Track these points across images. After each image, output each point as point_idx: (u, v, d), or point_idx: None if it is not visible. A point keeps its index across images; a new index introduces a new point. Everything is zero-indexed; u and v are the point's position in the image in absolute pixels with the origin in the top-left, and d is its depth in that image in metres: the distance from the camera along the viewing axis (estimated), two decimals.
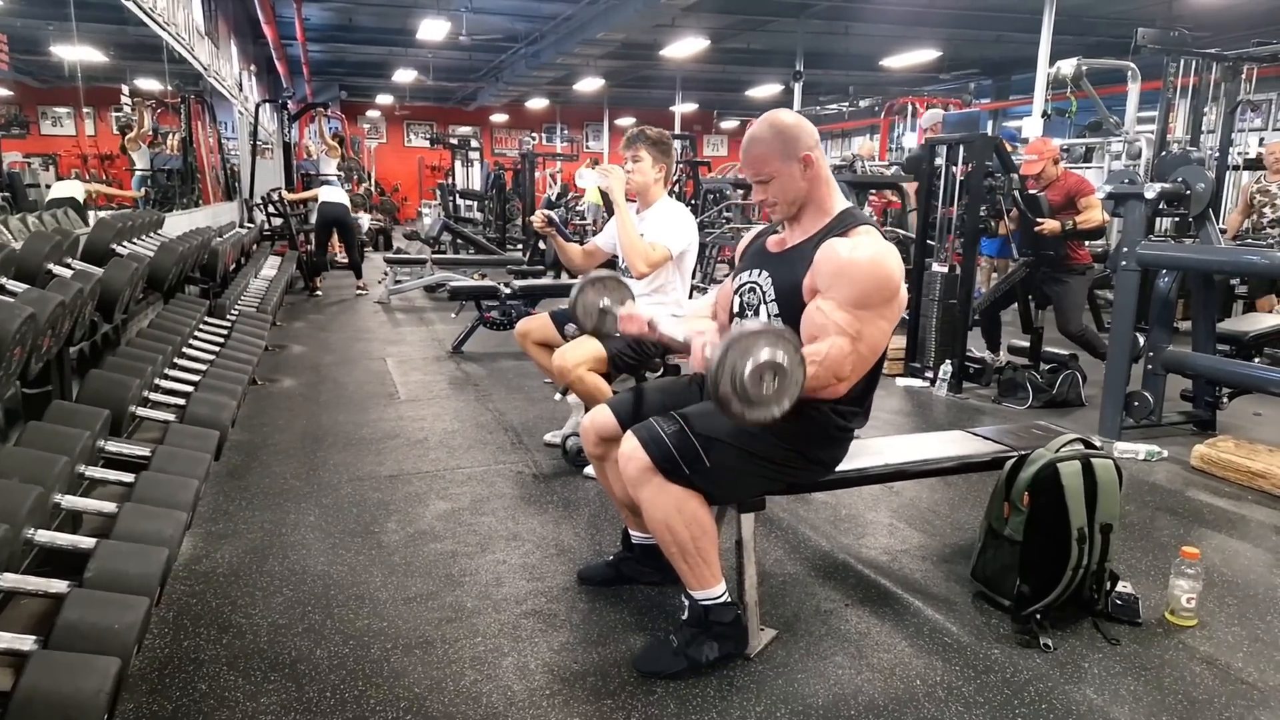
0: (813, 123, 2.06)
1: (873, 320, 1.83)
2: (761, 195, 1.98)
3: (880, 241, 1.88)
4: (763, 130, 1.94)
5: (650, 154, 3.23)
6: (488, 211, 13.10)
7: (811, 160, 1.92)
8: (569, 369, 3.05)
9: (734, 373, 1.59)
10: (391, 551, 2.57)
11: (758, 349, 1.60)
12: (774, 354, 1.60)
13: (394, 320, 6.97)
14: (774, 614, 2.21)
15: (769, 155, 1.92)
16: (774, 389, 1.62)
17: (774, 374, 1.61)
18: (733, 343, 1.59)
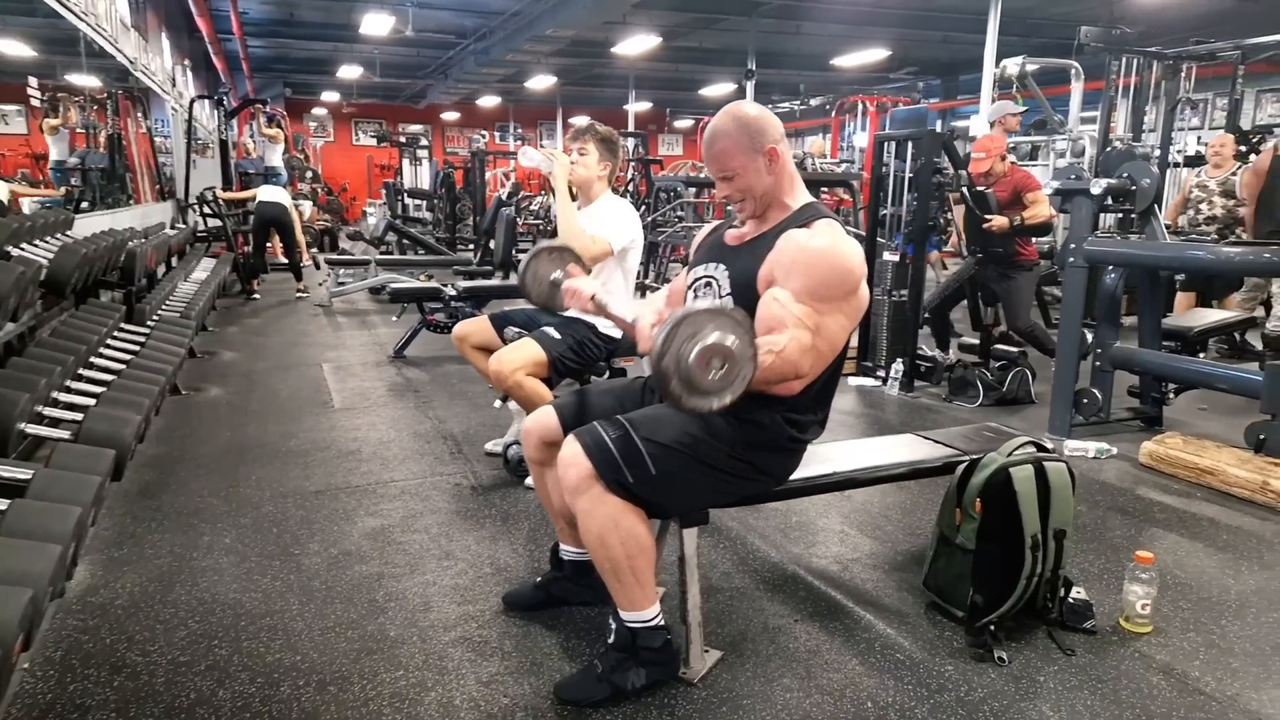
0: None
1: (831, 314, 1.73)
2: (726, 192, 1.86)
3: (841, 235, 1.79)
4: (725, 123, 1.82)
5: (598, 149, 3.10)
6: (437, 211, 12.83)
7: (777, 154, 1.82)
8: (506, 374, 2.90)
9: (679, 354, 1.46)
10: (311, 575, 2.40)
11: (707, 330, 1.47)
12: (724, 338, 1.47)
13: (335, 324, 6.72)
14: (720, 633, 2.09)
15: (733, 150, 1.81)
16: (719, 376, 1.49)
17: (722, 360, 1.48)
18: (682, 320, 1.46)
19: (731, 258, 1.90)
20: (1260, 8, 9.07)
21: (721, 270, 1.89)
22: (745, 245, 1.90)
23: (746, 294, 1.81)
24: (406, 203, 13.50)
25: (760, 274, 1.78)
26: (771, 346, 1.64)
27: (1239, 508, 2.94)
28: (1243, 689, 1.87)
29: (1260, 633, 2.11)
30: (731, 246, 1.94)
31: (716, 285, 1.89)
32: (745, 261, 1.84)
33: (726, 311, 1.50)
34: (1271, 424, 3.11)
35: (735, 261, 1.88)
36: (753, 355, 1.51)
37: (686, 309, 1.48)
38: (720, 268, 1.90)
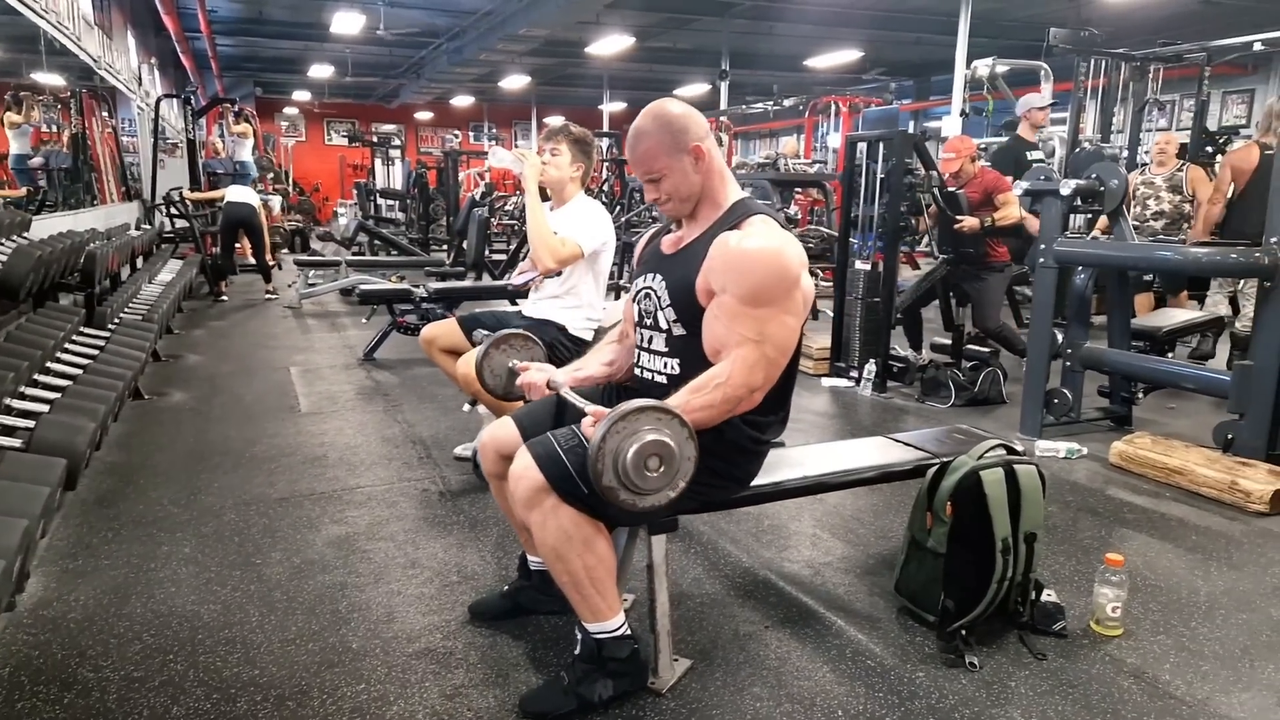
0: (739, 122, 1.94)
1: (775, 317, 1.69)
2: (654, 194, 1.82)
3: (775, 230, 1.75)
4: (647, 124, 1.78)
5: (570, 150, 3.05)
6: (410, 212, 12.70)
7: (702, 152, 1.78)
8: (474, 377, 2.84)
9: (617, 460, 1.49)
10: (273, 586, 2.33)
11: (639, 433, 1.49)
12: (659, 435, 1.50)
13: (304, 326, 6.62)
14: (690, 641, 2.06)
15: (656, 150, 1.77)
16: (660, 474, 1.52)
17: (659, 459, 1.50)
18: (610, 427, 1.47)
19: (668, 267, 1.86)
20: (1223, 10, 9.22)
21: (659, 281, 1.85)
22: (680, 253, 1.85)
23: (687, 305, 1.78)
24: (379, 203, 13.35)
25: (698, 284, 1.75)
26: (715, 380, 1.65)
27: (1207, 507, 2.96)
28: (1213, 692, 1.87)
29: (1229, 634, 2.12)
30: (668, 255, 1.89)
31: (655, 296, 1.85)
32: (681, 270, 1.80)
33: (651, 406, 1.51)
34: (1239, 423, 3.13)
35: (672, 271, 1.84)
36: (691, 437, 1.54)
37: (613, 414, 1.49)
38: (658, 279, 1.86)
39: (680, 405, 1.61)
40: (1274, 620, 2.19)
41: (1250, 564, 2.52)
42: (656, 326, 1.86)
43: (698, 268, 1.75)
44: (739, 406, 1.71)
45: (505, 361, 2.21)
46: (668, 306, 1.81)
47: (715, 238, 1.75)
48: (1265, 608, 2.25)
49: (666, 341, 1.84)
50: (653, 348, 1.89)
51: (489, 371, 2.23)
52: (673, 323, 1.81)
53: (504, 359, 2.22)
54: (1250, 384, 3.08)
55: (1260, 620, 2.19)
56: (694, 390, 1.67)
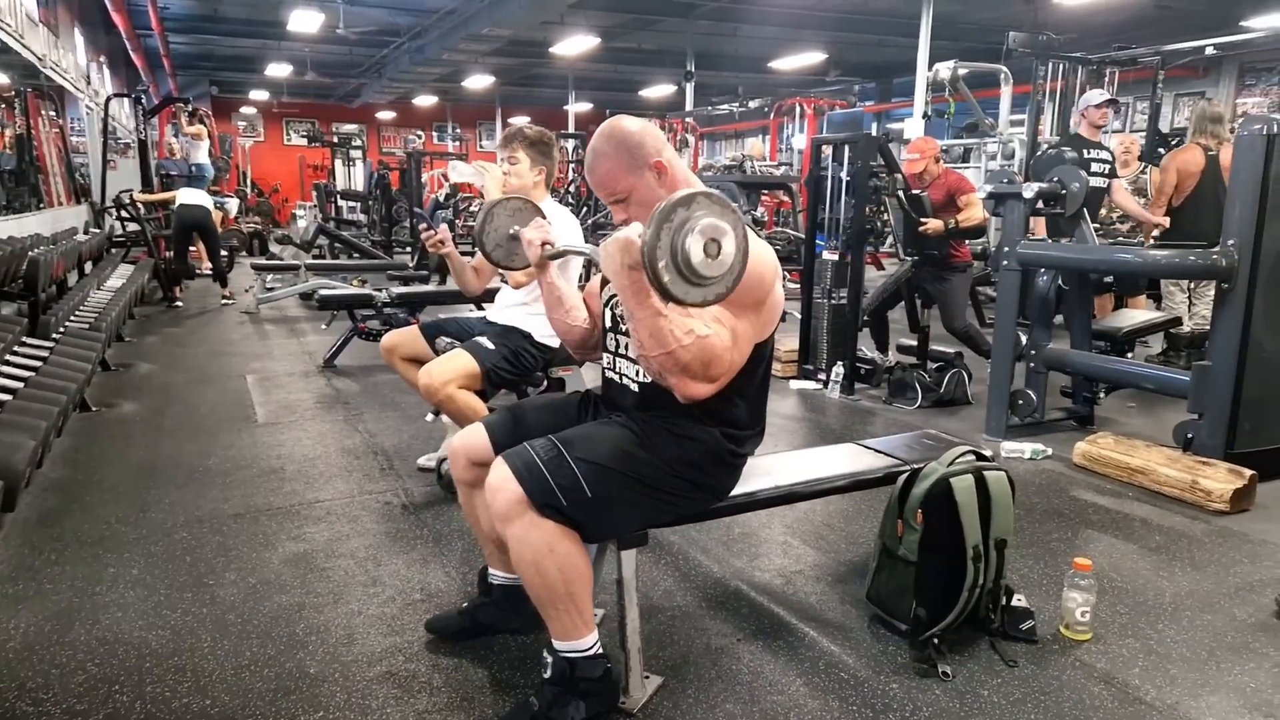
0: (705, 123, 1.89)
1: (745, 319, 1.66)
2: (623, 214, 1.77)
3: (753, 239, 1.71)
4: (602, 145, 1.74)
5: (528, 155, 2.98)
6: (372, 213, 12.51)
7: (664, 166, 1.73)
8: (437, 387, 2.78)
9: (674, 239, 1.38)
10: (226, 608, 2.24)
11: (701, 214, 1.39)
12: (720, 221, 1.40)
13: (261, 332, 6.46)
14: (661, 656, 2.01)
15: (616, 171, 1.72)
16: (717, 261, 1.41)
17: (718, 247, 1.41)
18: (675, 204, 1.38)
19: None
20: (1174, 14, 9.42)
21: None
22: None
23: None
24: (339, 204, 13.13)
25: None
26: (696, 330, 1.57)
27: (1169, 507, 2.99)
28: (1182, 697, 1.87)
29: (1195, 637, 2.13)
30: None
31: None
32: None
33: (718, 197, 1.42)
34: (1198, 423, 3.17)
35: None
36: (745, 247, 1.44)
37: (670, 200, 1.39)
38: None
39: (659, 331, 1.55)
40: (1238, 621, 2.21)
41: (1212, 564, 2.55)
42: None
43: None
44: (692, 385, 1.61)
45: (508, 227, 2.09)
46: None
47: None
48: (1229, 608, 2.27)
49: None
50: (628, 354, 1.84)
51: (490, 233, 2.11)
52: None
53: (507, 223, 2.10)
54: (1209, 384, 3.12)
55: (1224, 622, 2.20)
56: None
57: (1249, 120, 3.03)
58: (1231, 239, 3.01)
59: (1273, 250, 2.98)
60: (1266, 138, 2.92)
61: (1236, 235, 3.00)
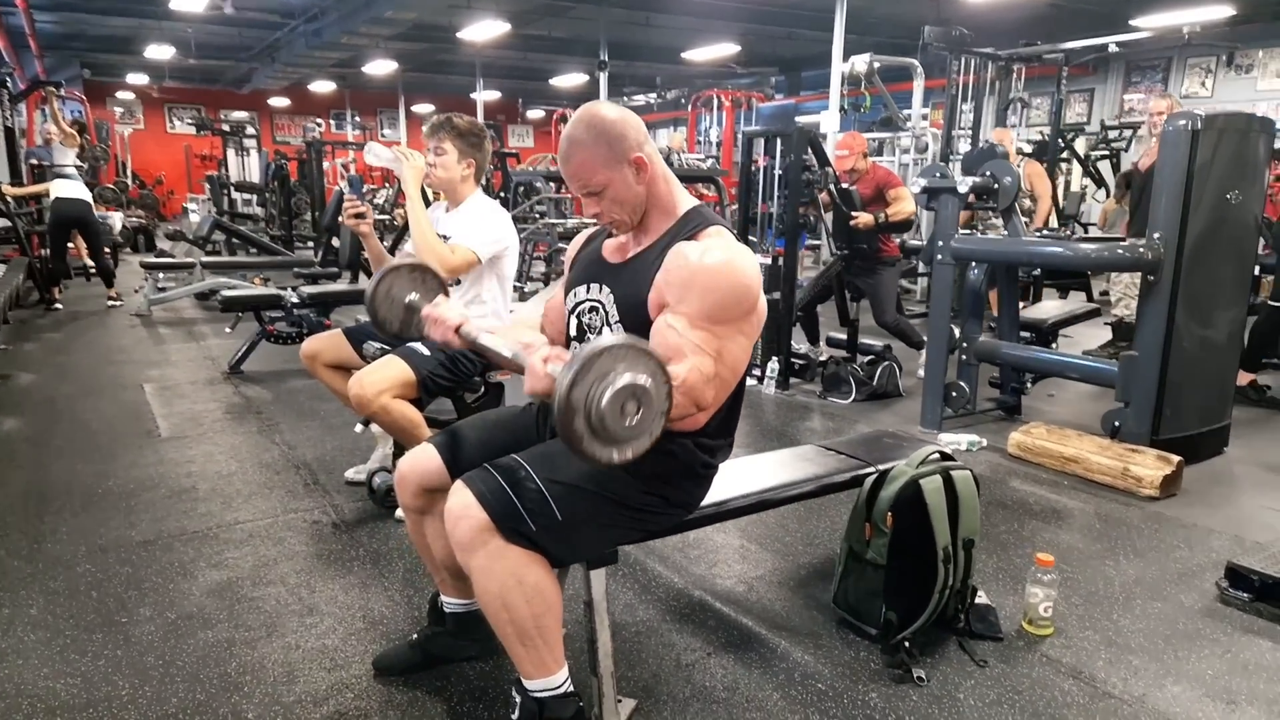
0: None
1: (731, 336, 1.56)
2: (595, 209, 1.64)
3: (735, 244, 1.62)
4: (580, 133, 1.59)
5: (456, 146, 2.79)
6: (270, 206, 11.88)
7: (644, 162, 1.60)
8: (370, 398, 2.58)
9: (590, 404, 1.27)
10: (144, 649, 2.02)
11: (616, 371, 1.27)
12: (635, 377, 1.29)
13: (156, 337, 6.01)
14: (631, 677, 1.92)
15: (592, 163, 1.59)
16: (636, 421, 1.31)
17: (636, 403, 1.29)
18: (584, 364, 1.25)
19: (614, 278, 1.69)
20: (1062, 13, 9.86)
21: (605, 293, 1.68)
22: (630, 263, 1.69)
23: (636, 319, 1.61)
24: (234, 197, 12.41)
25: (650, 297, 1.59)
26: (673, 380, 1.48)
27: (1104, 495, 3.08)
28: (1147, 688, 1.90)
29: (1150, 626, 2.17)
30: (613, 264, 1.72)
31: (604, 310, 1.69)
32: (631, 282, 1.64)
33: (630, 343, 1.31)
34: (1125, 411, 3.28)
35: (620, 282, 1.67)
36: (668, 386, 1.34)
37: (584, 351, 1.27)
38: (604, 290, 1.69)
39: None
40: (1186, 608, 2.27)
41: (1153, 551, 2.63)
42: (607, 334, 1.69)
43: (650, 279, 1.59)
44: (683, 423, 1.56)
45: (404, 295, 1.91)
46: (617, 322, 1.65)
47: (669, 248, 1.60)
48: (1175, 595, 2.34)
49: None
50: None
51: (383, 300, 1.92)
52: None
53: (402, 291, 1.92)
54: (1135, 374, 3.22)
55: (1173, 609, 2.26)
56: None
57: (1173, 116, 3.14)
58: (1157, 232, 3.12)
59: (1196, 243, 3.10)
60: (1191, 132, 3.03)
61: (1162, 228, 3.11)
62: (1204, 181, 3.09)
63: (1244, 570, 2.25)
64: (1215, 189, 3.13)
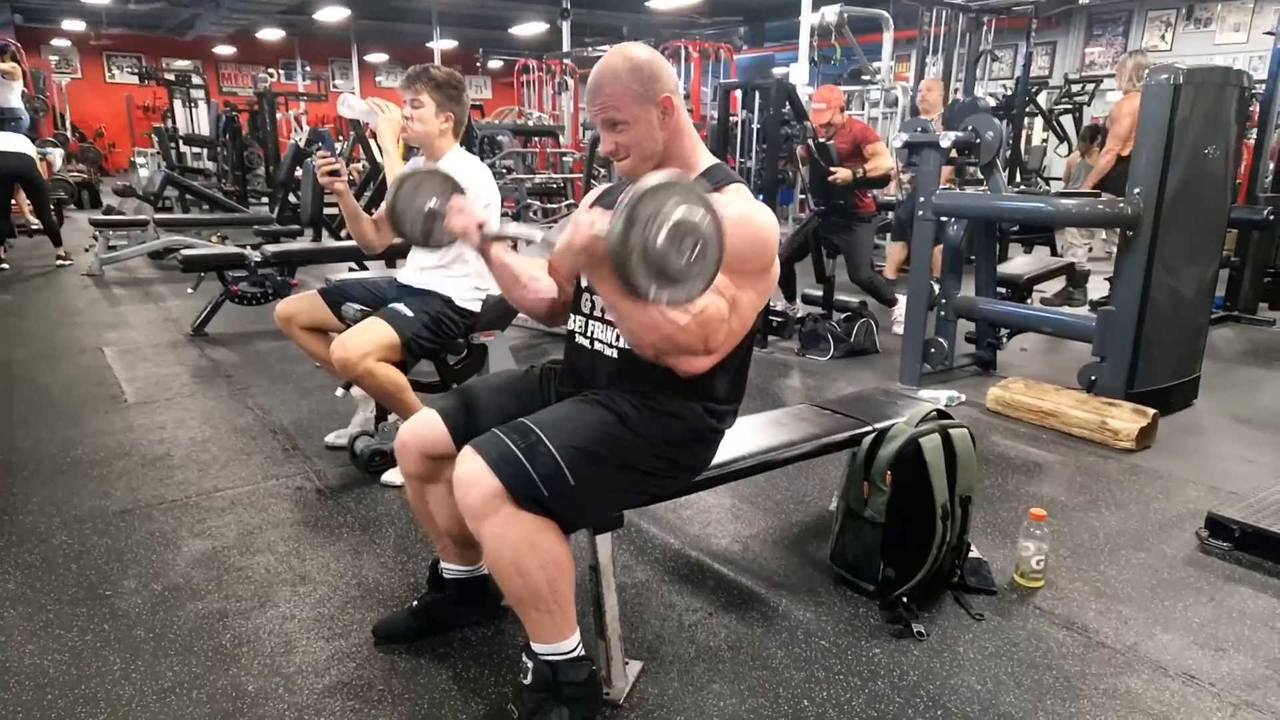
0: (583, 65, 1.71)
1: (745, 289, 1.54)
2: (612, 145, 1.61)
3: (754, 202, 1.61)
4: (614, 64, 1.58)
5: (434, 99, 2.69)
6: (221, 161, 11.46)
7: (671, 105, 1.60)
8: (354, 361, 2.52)
9: (645, 242, 1.23)
10: (133, 622, 1.97)
11: (672, 206, 1.24)
12: (693, 213, 1.25)
13: (111, 297, 5.79)
14: (635, 639, 1.92)
15: (624, 96, 1.56)
16: (693, 260, 1.27)
17: (694, 240, 1.26)
18: (639, 200, 1.22)
19: None
20: None
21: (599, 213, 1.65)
22: None
23: None
24: (183, 151, 11.95)
25: None
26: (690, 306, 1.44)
27: (1082, 448, 3.14)
28: (1138, 638, 1.95)
29: (1136, 576, 2.23)
30: None
31: None
32: None
33: (680, 181, 1.28)
34: (1102, 365, 3.34)
35: None
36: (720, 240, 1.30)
37: (637, 189, 1.23)
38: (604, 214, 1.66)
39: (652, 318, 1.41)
40: (1169, 557, 2.33)
41: (1133, 502, 2.69)
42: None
43: None
44: (685, 360, 1.53)
45: (424, 203, 1.84)
46: None
47: None
48: (1158, 546, 2.40)
49: None
50: (607, 317, 1.69)
51: (403, 206, 1.84)
52: None
53: (423, 199, 1.84)
54: (1112, 328, 3.28)
55: (1157, 559, 2.32)
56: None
57: (1156, 70, 3.15)
58: (1137, 187, 3.14)
59: (1175, 198, 3.13)
60: (1172, 86, 3.04)
61: (1142, 183, 3.13)
62: (1183, 137, 3.12)
63: (1224, 520, 2.31)
64: (1193, 144, 3.16)
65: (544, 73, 12.24)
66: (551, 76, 11.99)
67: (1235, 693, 1.75)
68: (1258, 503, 2.40)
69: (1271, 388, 4.01)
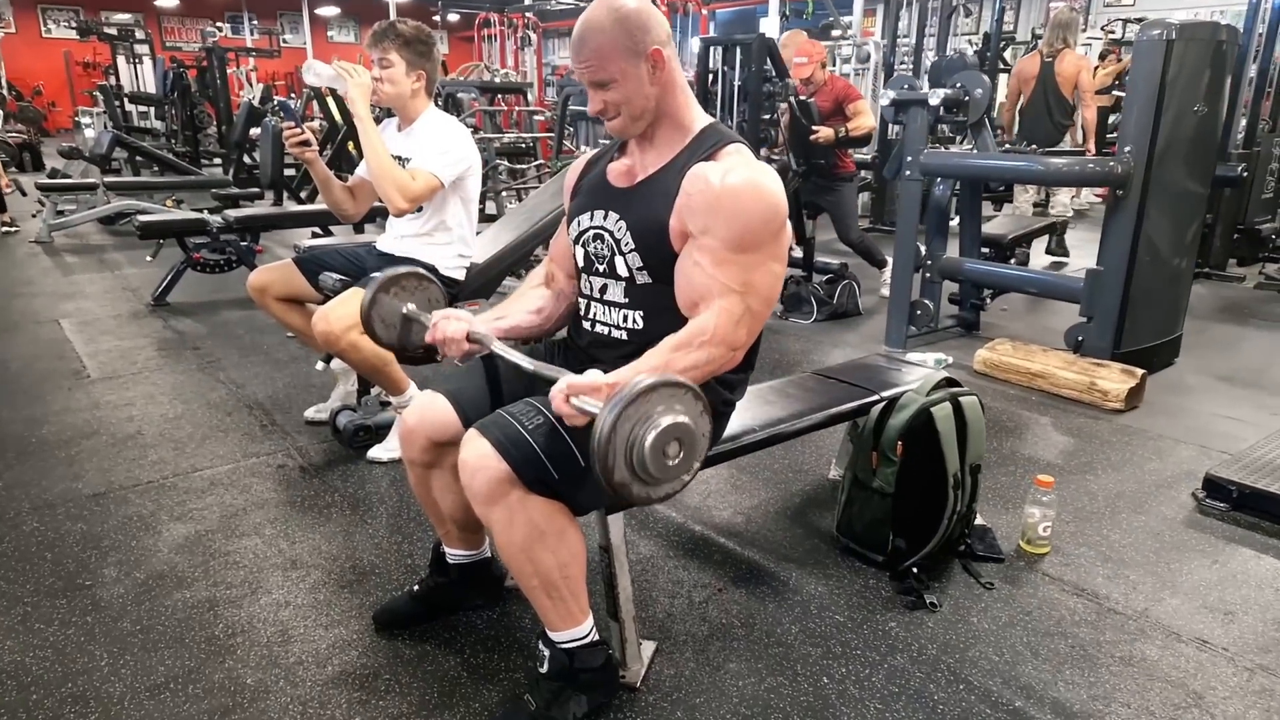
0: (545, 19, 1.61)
1: (761, 264, 1.46)
2: (600, 104, 1.50)
3: (756, 163, 1.50)
4: (600, 17, 1.45)
5: (403, 56, 2.53)
6: (170, 120, 10.98)
7: (662, 59, 1.47)
8: (338, 334, 2.41)
9: (632, 452, 1.20)
10: (118, 613, 1.87)
11: (654, 417, 1.20)
12: (676, 417, 1.22)
13: (64, 266, 5.54)
14: (645, 617, 1.87)
15: (610, 50, 1.45)
16: (680, 458, 1.25)
17: (679, 441, 1.23)
18: (620, 416, 1.18)
19: (625, 204, 1.56)
20: None
21: (616, 221, 1.55)
22: (641, 187, 1.56)
23: (655, 249, 1.50)
24: (129, 109, 11.41)
25: (671, 224, 1.47)
26: (699, 336, 1.41)
27: (1071, 409, 3.15)
28: (1148, 603, 1.96)
29: (1138, 539, 2.24)
30: (622, 189, 1.59)
31: (611, 239, 1.56)
32: (646, 208, 1.52)
33: (662, 381, 1.22)
34: (1089, 326, 3.34)
35: (631, 208, 1.54)
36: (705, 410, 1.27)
37: (619, 398, 1.18)
38: (613, 217, 1.55)
39: (667, 369, 1.36)
40: (1168, 519, 2.35)
41: (1127, 464, 2.70)
42: (613, 274, 1.57)
43: (668, 205, 1.47)
44: (722, 367, 1.48)
45: (398, 307, 1.79)
46: (631, 251, 1.52)
47: (687, 169, 1.47)
48: (1156, 508, 2.41)
49: (627, 291, 1.57)
50: (608, 298, 1.60)
51: (379, 321, 1.80)
52: (637, 270, 1.53)
53: (396, 304, 1.79)
54: (1100, 289, 3.27)
55: (1157, 522, 2.33)
56: (676, 348, 1.42)
57: (1147, 25, 3.10)
58: (1128, 146, 3.11)
59: (1163, 156, 3.11)
60: (1165, 43, 3.00)
61: (1132, 143, 3.10)
62: (1173, 95, 3.09)
63: (1222, 481, 2.33)
64: (1183, 102, 3.13)
65: (505, 26, 11.88)
66: (514, 31, 11.65)
67: (1249, 656, 1.77)
68: (1253, 463, 2.42)
69: (1249, 345, 4.06)
